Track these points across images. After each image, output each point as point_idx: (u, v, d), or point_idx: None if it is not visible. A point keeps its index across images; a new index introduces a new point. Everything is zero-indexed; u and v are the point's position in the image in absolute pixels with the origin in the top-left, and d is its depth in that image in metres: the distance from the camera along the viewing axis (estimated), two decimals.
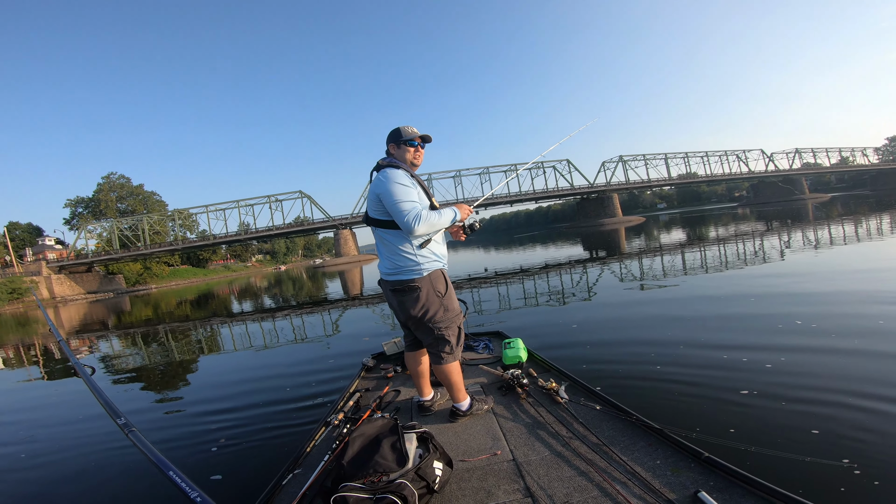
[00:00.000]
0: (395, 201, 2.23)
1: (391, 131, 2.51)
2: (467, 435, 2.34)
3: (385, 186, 2.27)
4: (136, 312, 20.81)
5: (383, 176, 2.32)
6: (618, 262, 14.16)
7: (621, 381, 3.63)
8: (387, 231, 2.37)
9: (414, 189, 2.31)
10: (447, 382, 2.51)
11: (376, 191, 2.34)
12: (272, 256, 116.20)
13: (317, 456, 2.31)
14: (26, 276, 47.21)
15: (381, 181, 2.31)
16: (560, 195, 76.38)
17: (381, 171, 2.37)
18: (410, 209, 2.21)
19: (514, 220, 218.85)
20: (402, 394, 3.06)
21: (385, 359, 3.90)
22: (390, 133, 2.51)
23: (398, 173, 2.31)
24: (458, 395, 2.53)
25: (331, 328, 9.09)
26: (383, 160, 2.46)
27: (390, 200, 2.24)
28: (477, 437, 2.30)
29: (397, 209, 2.22)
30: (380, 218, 2.38)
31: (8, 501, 3.02)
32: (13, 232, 64.64)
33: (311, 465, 2.21)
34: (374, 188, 2.37)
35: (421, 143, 2.51)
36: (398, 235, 2.34)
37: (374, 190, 2.37)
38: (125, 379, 6.71)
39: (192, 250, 70.16)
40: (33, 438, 4.16)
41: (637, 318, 6.10)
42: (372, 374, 3.59)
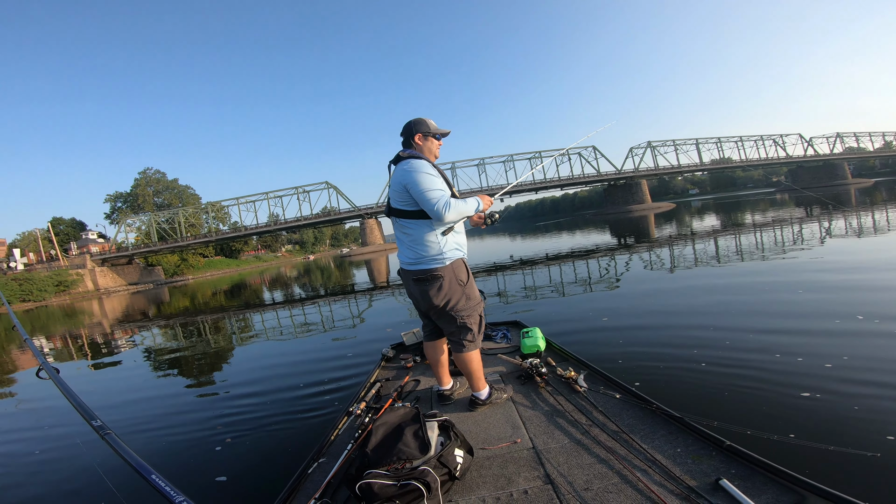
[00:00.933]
0: (423, 189, 2.26)
1: (412, 122, 2.52)
2: (487, 423, 2.36)
3: (412, 176, 2.30)
4: (175, 303, 21.68)
5: (409, 166, 2.34)
6: (647, 248, 13.86)
7: (642, 371, 3.60)
8: (410, 221, 2.39)
9: (439, 178, 2.35)
10: (467, 371, 2.53)
11: (402, 181, 2.35)
12: (301, 246, 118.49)
13: (340, 445, 2.35)
14: (72, 269, 49.53)
15: (407, 171, 2.33)
16: (586, 182, 74.82)
17: (406, 161, 2.39)
18: (440, 197, 2.24)
19: (540, 207, 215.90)
20: (422, 383, 3.10)
21: (404, 349, 3.94)
22: (412, 124, 2.52)
23: (424, 163, 2.35)
24: (477, 384, 2.56)
25: (354, 318, 9.26)
26: (404, 152, 2.48)
27: (418, 189, 2.27)
28: (497, 425, 2.33)
29: (426, 197, 2.25)
30: (404, 208, 2.40)
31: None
32: (57, 227, 67.93)
33: (334, 453, 2.25)
34: (398, 179, 2.39)
35: (441, 137, 2.57)
36: (421, 225, 2.37)
37: (398, 180, 2.38)
38: (163, 366, 7.09)
39: (225, 241, 72.35)
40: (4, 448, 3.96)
41: (661, 306, 6.01)
42: (392, 364, 3.64)
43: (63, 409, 4.35)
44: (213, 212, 67.34)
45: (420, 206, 2.33)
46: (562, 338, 3.59)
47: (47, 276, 43.74)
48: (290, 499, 1.91)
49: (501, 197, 2.73)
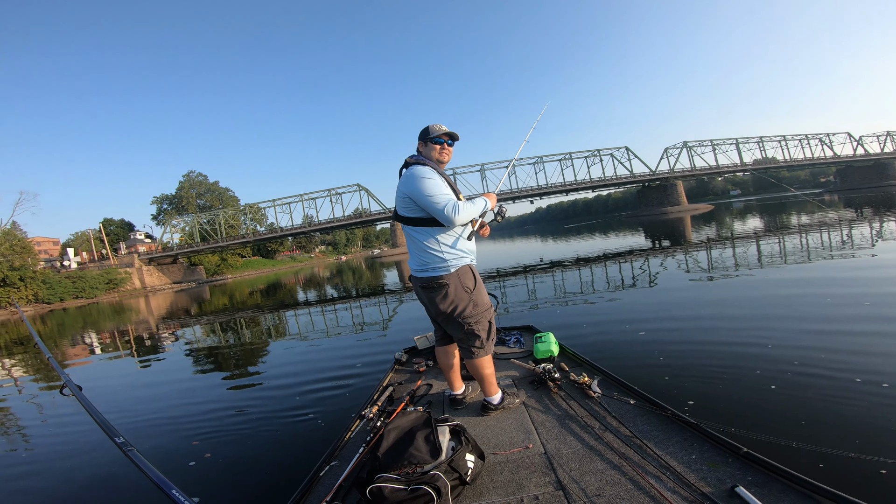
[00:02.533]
0: (428, 195, 2.24)
1: (422, 130, 2.52)
2: (499, 428, 2.35)
3: (414, 183, 2.28)
4: (214, 301, 22.55)
5: (410, 173, 2.33)
6: (682, 251, 13.43)
7: (657, 377, 3.54)
8: (415, 228, 2.38)
9: (443, 182, 2.32)
10: (478, 376, 2.51)
11: (405, 189, 2.34)
12: (334, 247, 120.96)
13: (352, 448, 2.35)
14: (121, 267, 52.25)
15: (409, 178, 2.33)
16: (619, 183, 72.91)
17: (409, 168, 2.40)
18: (447, 201, 2.22)
19: (572, 208, 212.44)
20: (435, 387, 3.10)
21: (417, 353, 3.94)
22: (420, 132, 2.53)
23: (424, 169, 2.33)
24: (489, 389, 2.54)
25: (375, 320, 9.40)
26: (411, 158, 2.48)
27: (422, 196, 2.25)
28: (509, 430, 2.31)
29: (431, 203, 2.23)
30: (409, 215, 2.38)
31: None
32: (108, 228, 71.87)
33: (346, 457, 2.26)
34: (402, 186, 2.38)
35: (448, 140, 2.49)
36: (425, 232, 2.35)
37: (402, 188, 2.37)
38: (185, 364, 7.45)
39: (262, 242, 74.58)
40: (29, 456, 3.96)
41: (684, 311, 5.85)
42: (404, 368, 3.64)
43: (88, 424, 4.27)
44: (251, 213, 69.57)
45: (424, 213, 2.31)
46: (576, 343, 3.55)
47: (98, 275, 46.21)
48: (303, 500, 1.92)
49: (506, 199, 2.68)
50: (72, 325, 18.72)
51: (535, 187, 66.14)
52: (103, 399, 5.67)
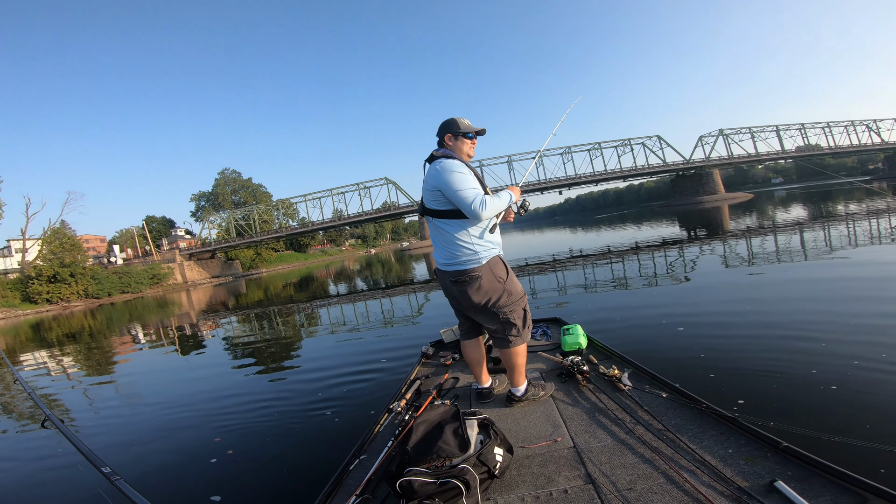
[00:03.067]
0: (457, 189, 2.24)
1: (445, 122, 2.52)
2: (527, 422, 2.33)
3: (444, 177, 2.29)
4: (250, 294, 23.27)
5: (440, 166, 2.33)
6: (720, 241, 12.94)
7: (701, 375, 3.40)
8: (444, 221, 2.38)
9: (472, 176, 2.33)
10: (511, 364, 2.51)
11: (434, 182, 2.34)
12: (363, 240, 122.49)
13: (381, 442, 2.35)
14: (163, 263, 54.65)
15: (439, 171, 2.32)
16: (652, 172, 70.73)
17: (438, 161, 2.38)
18: (475, 196, 2.22)
19: (603, 199, 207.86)
20: (461, 381, 3.08)
21: (443, 346, 3.92)
22: (444, 124, 2.52)
23: (455, 163, 2.33)
24: (518, 379, 2.54)
25: (403, 313, 9.48)
26: (437, 151, 2.47)
27: (451, 189, 2.26)
28: (537, 423, 2.29)
29: (460, 197, 2.24)
30: (438, 208, 2.38)
31: None
32: (150, 225, 75.15)
33: (375, 450, 2.26)
34: (430, 179, 2.37)
35: (475, 135, 2.52)
36: (456, 225, 2.35)
37: (430, 181, 2.37)
38: (215, 358, 7.71)
39: (294, 237, 76.20)
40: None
41: (720, 302, 5.64)
42: (431, 362, 3.64)
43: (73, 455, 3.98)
44: (284, 208, 71.28)
45: (453, 206, 2.31)
46: (607, 337, 3.45)
47: (143, 270, 48.44)
48: (333, 494, 1.94)
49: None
50: (119, 318, 19.75)
51: (564, 178, 65.04)
52: (146, 390, 5.96)
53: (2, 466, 3.93)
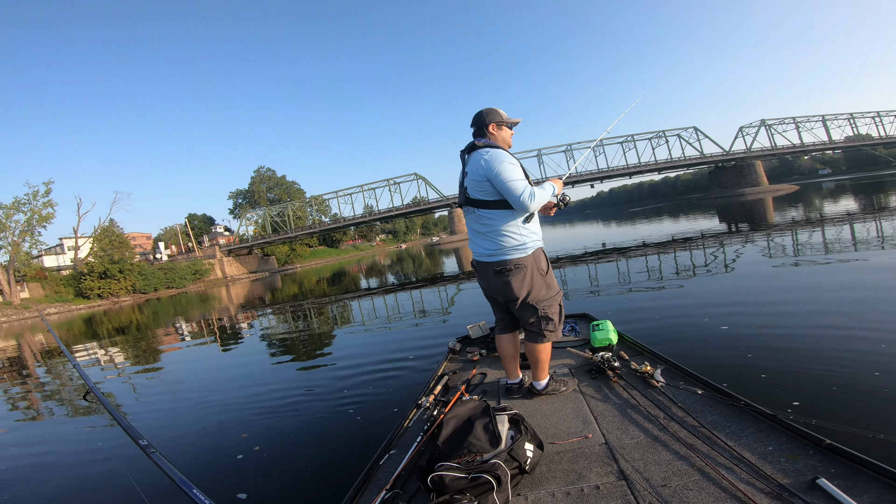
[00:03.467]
0: (506, 180, 2.23)
1: (484, 112, 2.49)
2: (556, 418, 2.30)
3: (495, 166, 2.27)
4: (286, 289, 23.90)
5: (489, 156, 2.31)
6: (763, 235, 12.36)
7: (750, 375, 3.25)
8: (492, 211, 2.35)
9: (520, 168, 2.33)
10: (537, 359, 2.51)
11: (483, 171, 2.31)
12: (394, 236, 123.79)
13: (410, 437, 2.36)
14: (205, 259, 56.96)
15: (489, 161, 2.30)
16: (689, 164, 68.41)
17: (485, 151, 2.36)
18: (524, 187, 2.22)
19: (637, 192, 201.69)
20: (489, 376, 3.06)
21: (470, 342, 3.91)
22: (484, 113, 2.49)
23: (503, 153, 2.33)
24: (541, 374, 2.56)
25: (432, 308, 9.50)
26: (480, 141, 2.44)
27: (501, 180, 2.24)
28: (566, 419, 2.27)
29: (509, 187, 2.23)
30: (484, 198, 2.36)
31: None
32: (192, 222, 78.41)
33: (405, 445, 2.27)
34: (478, 168, 2.34)
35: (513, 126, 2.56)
36: (504, 215, 2.34)
37: (478, 170, 2.34)
38: (245, 353, 7.94)
39: (326, 232, 77.83)
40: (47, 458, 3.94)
41: (775, 303, 5.32)
42: (458, 357, 3.64)
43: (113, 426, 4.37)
44: (316, 205, 72.87)
45: (500, 196, 2.30)
46: (641, 335, 3.36)
47: (186, 266, 50.59)
48: (363, 489, 1.95)
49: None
50: (164, 312, 20.73)
51: (596, 171, 63.64)
52: (182, 383, 6.24)
53: (48, 434, 4.39)
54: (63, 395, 6.25)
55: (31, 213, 38.30)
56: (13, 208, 37.74)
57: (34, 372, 9.08)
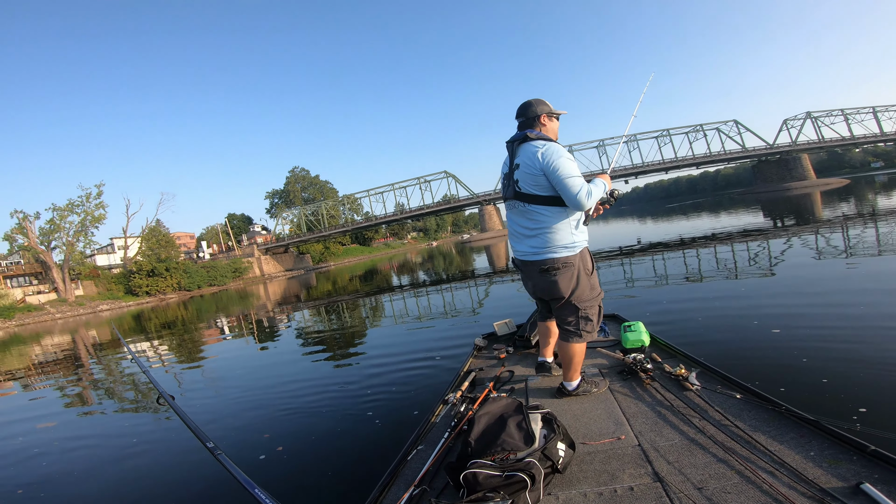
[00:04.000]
0: (565, 176, 2.13)
1: (534, 102, 2.39)
2: (587, 418, 2.26)
3: (554, 160, 2.16)
4: (320, 287, 24.51)
5: (547, 150, 2.19)
6: (811, 230, 11.81)
7: (795, 376, 3.17)
8: (544, 207, 2.26)
9: (576, 164, 2.23)
10: (570, 360, 2.46)
11: (540, 165, 2.19)
12: (424, 233, 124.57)
13: (437, 433, 2.33)
14: (244, 257, 59.03)
15: (546, 154, 2.18)
16: (729, 158, 65.61)
17: (541, 143, 2.24)
18: (582, 184, 2.13)
19: (674, 187, 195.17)
20: (517, 373, 3.02)
21: (496, 339, 3.87)
22: (534, 103, 2.39)
23: (561, 147, 2.22)
24: (573, 374, 2.50)
25: (460, 305, 9.52)
26: (532, 133, 2.32)
27: (558, 175, 2.14)
28: (598, 420, 2.23)
29: (567, 184, 2.13)
30: (538, 193, 2.25)
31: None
32: (232, 222, 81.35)
33: (432, 441, 2.25)
34: (534, 162, 2.22)
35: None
36: (556, 212, 2.25)
37: (534, 164, 2.22)
38: (287, 346, 8.17)
39: (359, 230, 79.28)
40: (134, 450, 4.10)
41: (830, 305, 5.06)
42: (484, 354, 3.60)
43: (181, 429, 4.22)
44: (349, 203, 74.25)
45: (555, 192, 2.21)
46: (679, 336, 3.30)
47: (226, 265, 52.57)
48: (390, 484, 1.95)
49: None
50: (207, 309, 21.67)
51: (630, 166, 62.01)
52: (218, 378, 6.49)
53: (120, 435, 4.54)
54: (131, 394, 6.52)
55: (84, 214, 40.68)
56: (68, 210, 40.21)
57: (90, 365, 9.69)
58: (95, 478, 3.60)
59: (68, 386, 7.51)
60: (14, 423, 5.53)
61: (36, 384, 8.13)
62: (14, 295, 35.72)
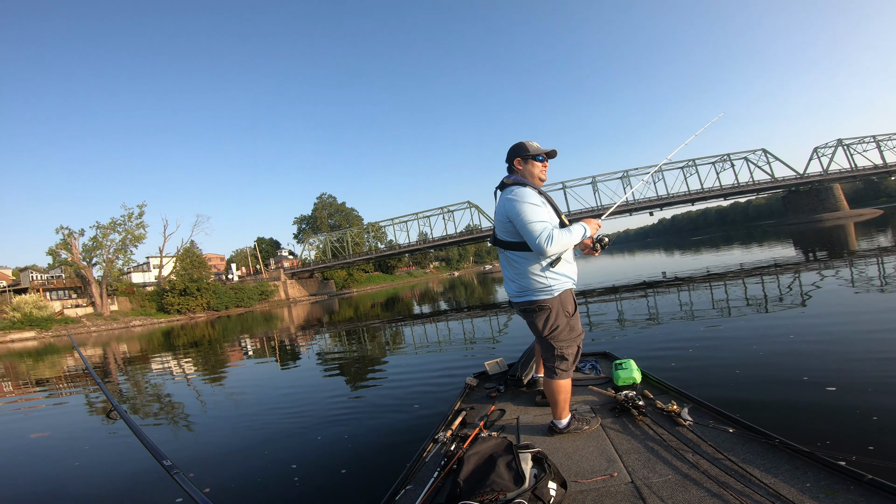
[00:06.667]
0: (525, 222, 2.17)
1: (513, 147, 2.46)
2: (579, 456, 2.25)
3: (515, 206, 2.22)
4: (342, 312, 24.88)
5: (511, 195, 2.26)
6: (844, 264, 11.42)
7: (758, 407, 3.26)
8: (516, 253, 2.34)
9: (544, 208, 2.26)
10: (555, 399, 2.47)
11: (505, 211, 2.29)
12: (447, 263, 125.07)
13: (426, 472, 2.29)
14: (270, 281, 60.52)
15: (509, 200, 2.25)
16: (757, 189, 64.29)
17: (509, 189, 2.32)
18: (542, 230, 2.14)
19: (703, 218, 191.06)
20: (508, 413, 2.97)
21: (487, 378, 3.85)
22: (512, 148, 2.46)
23: (527, 192, 2.25)
24: (560, 413, 2.49)
25: (465, 337, 9.57)
26: (508, 178, 2.41)
27: (520, 221, 2.19)
28: (590, 458, 2.21)
29: (528, 230, 2.17)
30: (509, 240, 2.33)
31: None
32: (260, 246, 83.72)
33: (421, 481, 2.22)
34: (502, 208, 2.33)
35: (546, 158, 2.46)
36: (527, 257, 2.31)
37: (502, 210, 2.32)
38: (289, 373, 8.36)
39: (382, 259, 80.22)
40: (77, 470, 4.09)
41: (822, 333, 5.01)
42: (475, 393, 3.56)
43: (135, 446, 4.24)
44: (373, 231, 75.54)
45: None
46: (655, 370, 3.29)
47: (254, 287, 53.97)
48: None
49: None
50: (233, 329, 22.23)
51: (654, 198, 61.41)
52: (225, 399, 6.70)
53: (72, 452, 4.59)
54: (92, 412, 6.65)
55: (125, 233, 42.69)
56: (110, 228, 42.32)
57: (118, 378, 10.08)
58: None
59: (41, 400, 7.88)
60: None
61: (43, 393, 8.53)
62: (53, 307, 37.39)
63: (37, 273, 46.36)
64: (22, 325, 33.31)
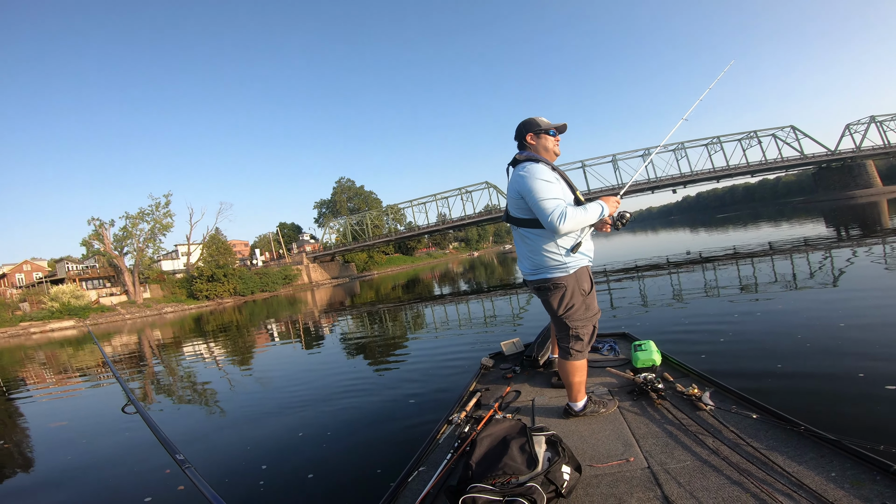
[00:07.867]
0: (537, 199, 2.12)
1: (522, 123, 2.40)
2: (595, 440, 2.20)
3: (527, 183, 2.16)
4: (363, 295, 25.23)
5: (524, 171, 2.21)
6: (877, 241, 11.09)
7: (784, 393, 3.16)
8: (529, 230, 2.29)
9: (557, 184, 2.20)
10: (570, 381, 2.42)
11: (517, 188, 2.24)
12: (466, 243, 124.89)
13: (440, 454, 2.27)
14: (293, 265, 61.48)
15: (521, 177, 2.20)
16: (785, 166, 61.78)
17: (521, 165, 2.27)
18: (554, 207, 2.09)
19: (729, 195, 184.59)
20: (523, 395, 2.93)
21: (503, 359, 3.78)
22: (522, 124, 2.40)
23: (539, 168, 2.19)
24: (575, 395, 2.45)
25: (478, 318, 9.58)
26: (520, 154, 2.36)
27: (532, 198, 2.14)
28: (606, 441, 2.16)
29: (540, 207, 2.12)
30: (522, 217, 2.29)
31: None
32: (283, 231, 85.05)
33: (434, 462, 2.19)
34: (514, 185, 2.28)
35: (557, 132, 2.38)
36: (542, 234, 2.25)
37: (514, 187, 2.27)
38: (305, 356, 8.51)
39: (402, 240, 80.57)
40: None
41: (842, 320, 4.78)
42: (490, 374, 3.51)
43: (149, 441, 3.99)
44: (392, 213, 75.79)
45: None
46: (679, 352, 3.21)
47: (277, 272, 54.89)
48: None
49: (624, 198, 2.37)
50: (259, 313, 22.83)
51: (678, 175, 59.72)
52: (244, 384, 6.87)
53: (87, 444, 4.64)
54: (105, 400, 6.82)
55: (153, 222, 43.92)
56: (139, 218, 43.54)
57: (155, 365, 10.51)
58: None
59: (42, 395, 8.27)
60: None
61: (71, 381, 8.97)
62: (89, 296, 38.94)
63: (72, 263, 48.26)
64: (61, 315, 34.60)
